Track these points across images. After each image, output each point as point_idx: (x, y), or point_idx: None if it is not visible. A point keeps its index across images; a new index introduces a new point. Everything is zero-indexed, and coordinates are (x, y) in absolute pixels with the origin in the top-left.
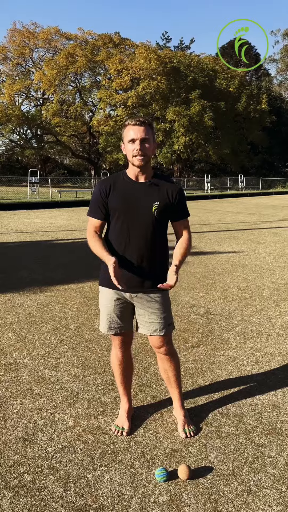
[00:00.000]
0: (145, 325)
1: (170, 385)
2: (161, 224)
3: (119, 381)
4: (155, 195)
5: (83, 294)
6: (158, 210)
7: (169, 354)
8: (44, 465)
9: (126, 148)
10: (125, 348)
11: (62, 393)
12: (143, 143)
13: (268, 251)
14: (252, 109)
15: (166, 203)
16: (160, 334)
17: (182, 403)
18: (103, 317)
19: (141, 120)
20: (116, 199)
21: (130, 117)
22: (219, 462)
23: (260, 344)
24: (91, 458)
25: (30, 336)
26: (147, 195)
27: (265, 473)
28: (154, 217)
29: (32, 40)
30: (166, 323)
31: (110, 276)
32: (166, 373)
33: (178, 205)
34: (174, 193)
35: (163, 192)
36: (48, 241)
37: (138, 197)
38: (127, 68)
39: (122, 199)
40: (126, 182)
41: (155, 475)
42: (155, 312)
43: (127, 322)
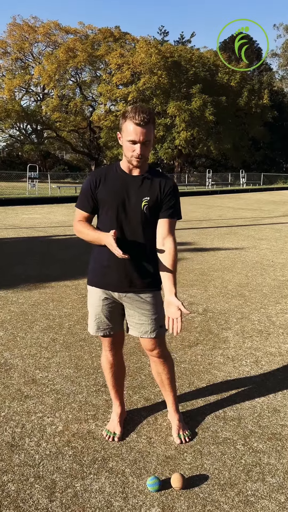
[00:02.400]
0: (135, 327)
1: (164, 389)
2: (151, 222)
3: (110, 385)
4: (146, 190)
5: (79, 291)
6: (147, 205)
7: (162, 357)
8: (30, 473)
9: (124, 144)
10: (115, 350)
11: (53, 395)
12: (143, 146)
13: (269, 247)
14: (253, 104)
15: (157, 198)
16: (151, 336)
17: (176, 407)
18: (91, 318)
19: (145, 119)
20: (105, 191)
21: (132, 109)
22: (215, 470)
23: (260, 343)
24: (80, 465)
25: (22, 335)
26: (138, 190)
27: (264, 482)
28: (143, 213)
29: (31, 35)
30: (157, 325)
31: (98, 274)
32: (159, 376)
33: (169, 201)
34: (167, 188)
35: (155, 187)
36: (46, 237)
37: (129, 190)
38: (128, 63)
39: (112, 192)
40: (118, 174)
41: (147, 484)
42: (145, 313)
43: (117, 323)
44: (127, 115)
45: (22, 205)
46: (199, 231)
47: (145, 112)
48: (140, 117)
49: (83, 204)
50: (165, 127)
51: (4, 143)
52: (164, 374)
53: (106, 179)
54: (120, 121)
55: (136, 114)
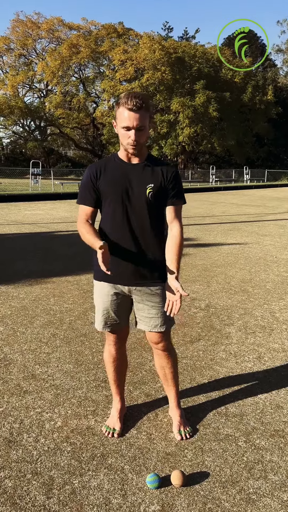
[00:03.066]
0: (145, 321)
1: (167, 383)
2: (157, 209)
3: (112, 379)
4: (149, 177)
5: (80, 286)
6: (152, 192)
7: (166, 350)
8: (28, 469)
9: (120, 132)
10: (120, 345)
11: (52, 391)
12: (138, 132)
13: (272, 243)
14: (257, 100)
15: (161, 185)
16: (161, 330)
17: (178, 403)
18: (98, 313)
19: (138, 104)
20: (107, 182)
21: (125, 95)
22: (216, 467)
23: (263, 339)
24: (78, 462)
25: (22, 330)
26: (141, 177)
27: (266, 480)
28: (148, 201)
29: (35, 31)
30: (167, 318)
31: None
32: (162, 370)
33: (173, 187)
34: (170, 173)
35: (157, 174)
36: (48, 233)
37: (131, 179)
38: (131, 59)
39: (114, 182)
40: (118, 164)
41: (146, 481)
42: (155, 306)
43: (124, 318)
44: (120, 101)
45: (25, 201)
46: (202, 227)
47: (138, 97)
48: (132, 102)
49: (85, 198)
50: (169, 124)
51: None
52: (167, 368)
53: (106, 169)
54: (114, 108)
55: (129, 99)
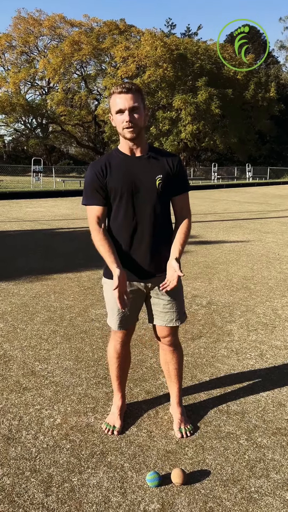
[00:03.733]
0: (159, 315)
1: (170, 379)
2: (165, 199)
3: (114, 376)
4: (156, 167)
5: (81, 283)
6: (162, 183)
7: (173, 345)
8: (26, 466)
9: (115, 120)
10: (125, 342)
11: (52, 388)
12: (132, 113)
13: (275, 240)
14: (260, 97)
15: (168, 174)
16: (176, 324)
17: (180, 400)
18: (113, 312)
19: (127, 86)
20: (115, 178)
21: (115, 85)
22: (217, 465)
23: (265, 336)
24: (77, 459)
25: (23, 326)
26: (148, 169)
27: (268, 479)
28: (159, 192)
29: (36, 28)
30: (181, 312)
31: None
32: (167, 365)
33: (180, 177)
34: (175, 163)
35: (163, 164)
36: (49, 230)
37: (139, 172)
38: (133, 56)
39: (122, 177)
40: (121, 158)
41: (146, 479)
42: (170, 300)
43: (136, 316)
44: (111, 91)
45: (26, 199)
46: (204, 224)
47: (127, 82)
48: (121, 86)
49: (94, 197)
50: (171, 121)
51: (9, 137)
52: (171, 363)
53: (111, 165)
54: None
55: (118, 86)
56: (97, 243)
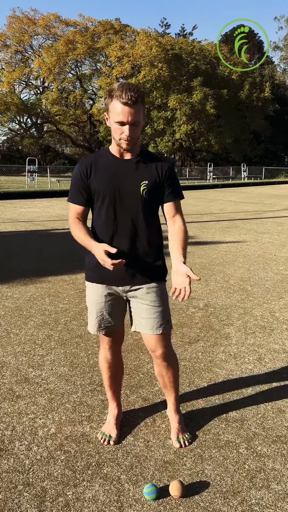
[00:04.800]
0: (141, 322)
1: (166, 389)
2: (151, 206)
3: (107, 385)
4: (143, 173)
5: (76, 286)
6: (147, 189)
7: (166, 359)
8: (19, 480)
9: (112, 127)
10: (115, 349)
11: (46, 395)
12: (133, 127)
13: (271, 241)
14: (255, 97)
15: (156, 181)
16: (157, 333)
17: (177, 407)
18: (92, 316)
19: (133, 98)
20: (99, 179)
21: (119, 87)
22: (217, 476)
23: (263, 339)
24: (72, 471)
25: (16, 331)
26: (134, 173)
27: (269, 490)
28: (143, 198)
29: (31, 27)
30: (164, 319)
31: (98, 269)
32: (162, 378)
33: (169, 184)
34: (164, 169)
35: (151, 169)
36: (44, 231)
37: (124, 175)
38: (128, 55)
39: (106, 179)
40: (109, 159)
41: (144, 492)
42: (151, 306)
43: (119, 320)
44: (114, 93)
45: (21, 199)
46: (200, 225)
47: (133, 90)
48: (127, 95)
49: (76, 197)
50: (166, 120)
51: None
52: (167, 377)
53: (97, 166)
54: (106, 100)
55: (123, 92)
56: (75, 231)
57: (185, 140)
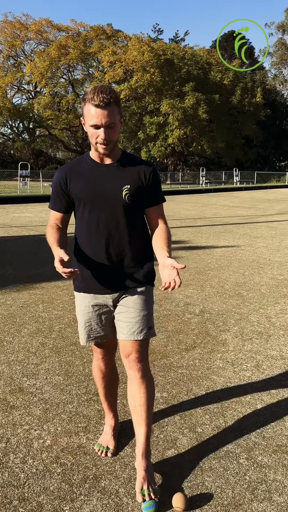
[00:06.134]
0: (122, 327)
1: (135, 419)
2: (135, 211)
3: (102, 395)
4: (124, 177)
5: (70, 292)
6: (129, 194)
7: (140, 369)
8: (14, 495)
9: (88, 131)
10: (108, 358)
11: (41, 405)
12: (108, 130)
13: (265, 245)
14: (246, 103)
15: (139, 186)
16: (137, 338)
17: (146, 450)
18: (81, 326)
19: (105, 99)
20: (78, 186)
21: (91, 90)
22: (217, 488)
23: (260, 346)
24: (69, 485)
25: (9, 339)
26: (115, 179)
27: (270, 502)
28: (125, 203)
29: (23, 32)
30: (146, 325)
31: (84, 279)
32: (133, 400)
33: (152, 188)
34: (147, 173)
35: (133, 174)
36: (37, 236)
37: (105, 181)
38: (120, 60)
39: (86, 185)
40: (89, 165)
41: (142, 507)
42: (134, 309)
43: (109, 329)
44: (86, 97)
45: (13, 204)
46: (193, 230)
47: (105, 91)
48: (99, 97)
49: (55, 204)
50: (158, 125)
51: None
52: (138, 398)
53: (76, 172)
54: (81, 104)
55: (95, 95)
56: (48, 238)
57: (177, 145)
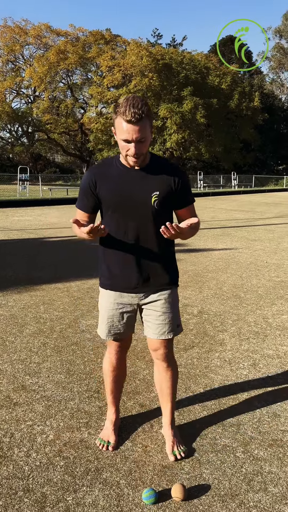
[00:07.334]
0: (152, 328)
1: (162, 398)
2: (163, 214)
3: (108, 389)
4: (154, 183)
5: (70, 293)
6: (158, 201)
7: (167, 360)
8: (19, 486)
9: (118, 141)
10: (121, 354)
11: (43, 402)
12: (139, 144)
13: (262, 248)
14: (244, 107)
15: (168, 191)
16: (168, 337)
17: (172, 420)
18: (102, 320)
19: (137, 115)
20: (107, 190)
21: (123, 102)
22: (215, 479)
23: (257, 345)
24: (72, 477)
25: (12, 339)
26: (144, 184)
27: (266, 492)
28: (154, 209)
29: (22, 37)
30: (174, 324)
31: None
32: (160, 384)
33: (181, 192)
34: (177, 179)
35: (163, 180)
36: (37, 239)
37: (134, 186)
38: (119, 65)
39: (115, 190)
40: (119, 169)
41: (143, 497)
42: (162, 312)
43: (129, 327)
44: (118, 110)
45: (13, 207)
46: None
47: (137, 105)
48: (131, 113)
49: (83, 203)
50: (157, 130)
51: None
52: (165, 382)
53: (106, 175)
54: (112, 115)
55: (127, 109)
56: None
57: (175, 149)
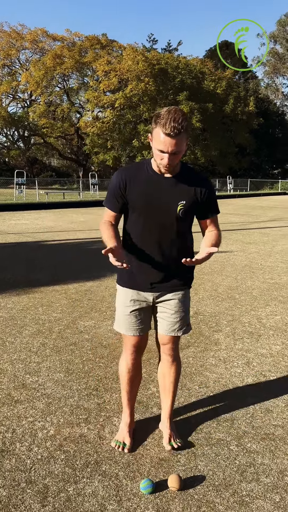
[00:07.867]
0: (163, 324)
1: (164, 393)
2: (186, 223)
3: (125, 391)
4: (181, 193)
5: (68, 295)
6: (183, 210)
7: (173, 355)
8: (22, 478)
9: (154, 150)
10: (137, 354)
11: (43, 400)
12: (173, 156)
13: (257, 251)
14: (239, 111)
15: (194, 201)
16: (178, 334)
17: (171, 415)
18: (120, 317)
19: (176, 130)
20: (136, 193)
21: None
22: (209, 471)
23: (251, 345)
24: (72, 469)
25: (11, 340)
26: (172, 192)
27: (258, 482)
28: (179, 217)
29: (19, 41)
30: (185, 323)
31: (130, 275)
32: (163, 378)
33: (207, 203)
34: (204, 190)
35: (190, 190)
36: (34, 243)
37: (162, 193)
38: (115, 70)
39: (143, 195)
40: (149, 175)
41: (140, 487)
42: (175, 311)
43: (146, 324)
44: (158, 121)
45: (9, 211)
46: None
47: (177, 120)
48: (170, 127)
49: (112, 203)
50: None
51: None
52: (168, 377)
53: (135, 179)
54: (151, 123)
55: (167, 123)
56: (104, 230)
57: None
